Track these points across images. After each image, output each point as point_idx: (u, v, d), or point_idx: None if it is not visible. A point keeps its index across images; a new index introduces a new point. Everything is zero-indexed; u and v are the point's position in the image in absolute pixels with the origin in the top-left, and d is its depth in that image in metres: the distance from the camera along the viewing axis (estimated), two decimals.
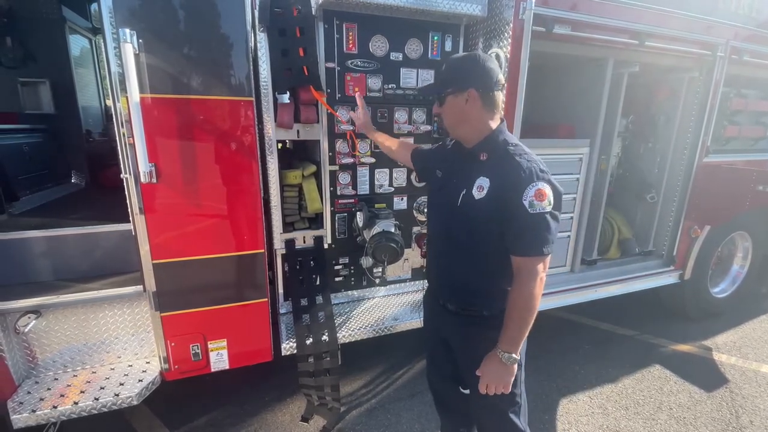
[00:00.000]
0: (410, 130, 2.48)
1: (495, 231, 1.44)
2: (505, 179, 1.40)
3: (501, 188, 1.41)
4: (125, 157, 1.81)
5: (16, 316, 1.97)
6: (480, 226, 1.47)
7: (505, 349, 1.46)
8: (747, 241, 3.91)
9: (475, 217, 1.47)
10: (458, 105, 1.49)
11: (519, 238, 1.40)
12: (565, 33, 2.34)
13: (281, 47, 2.03)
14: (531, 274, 1.40)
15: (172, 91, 1.80)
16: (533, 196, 1.35)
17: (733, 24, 2.92)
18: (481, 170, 1.48)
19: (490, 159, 1.48)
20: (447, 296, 1.70)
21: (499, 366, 1.48)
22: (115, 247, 2.26)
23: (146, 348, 2.23)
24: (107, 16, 1.65)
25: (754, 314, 4.00)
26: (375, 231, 2.35)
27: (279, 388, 2.83)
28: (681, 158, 3.26)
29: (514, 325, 1.44)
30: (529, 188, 1.36)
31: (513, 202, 1.37)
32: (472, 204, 1.47)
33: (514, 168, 1.40)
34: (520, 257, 1.42)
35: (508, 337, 1.45)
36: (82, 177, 3.87)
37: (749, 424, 2.61)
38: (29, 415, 1.86)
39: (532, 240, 1.38)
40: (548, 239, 1.39)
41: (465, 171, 1.55)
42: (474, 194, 1.47)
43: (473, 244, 1.53)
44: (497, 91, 1.49)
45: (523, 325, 1.43)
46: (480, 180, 1.47)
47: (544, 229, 1.37)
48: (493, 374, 1.50)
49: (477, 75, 1.47)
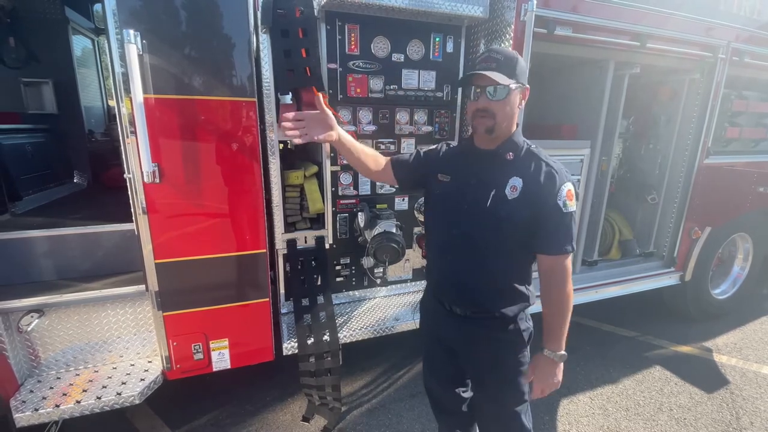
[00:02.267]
0: (411, 131, 2.49)
1: (525, 231, 1.44)
2: (539, 179, 1.42)
3: (536, 189, 1.41)
4: (128, 157, 1.82)
5: (19, 315, 1.98)
6: (510, 225, 1.44)
7: (553, 348, 1.51)
8: (748, 243, 3.91)
9: (506, 217, 1.43)
10: (517, 100, 1.45)
11: (553, 237, 1.43)
12: (567, 34, 2.35)
13: (284, 48, 2.03)
14: (566, 271, 1.46)
15: (175, 91, 1.80)
16: (566, 196, 1.40)
17: (734, 26, 2.93)
18: (510, 170, 1.46)
19: (515, 159, 1.47)
20: (456, 299, 1.63)
21: (552, 366, 1.53)
22: (118, 246, 2.27)
23: (148, 347, 2.24)
24: (111, 17, 1.66)
25: (755, 315, 4.00)
26: (376, 231, 2.36)
27: (280, 387, 2.83)
28: (682, 159, 3.27)
29: (558, 324, 1.49)
30: (562, 188, 1.40)
31: (549, 202, 1.39)
32: (505, 204, 1.44)
33: (546, 169, 1.43)
34: (553, 256, 1.44)
35: (555, 337, 1.50)
36: (85, 177, 3.88)
37: (750, 425, 2.61)
38: (32, 413, 1.86)
39: (564, 238, 1.42)
40: (574, 238, 1.46)
41: (491, 171, 1.49)
42: (507, 194, 1.44)
43: (499, 244, 1.49)
44: None
45: (565, 323, 1.49)
46: (513, 180, 1.44)
47: (572, 228, 1.43)
48: (548, 376, 1.54)
49: (526, 72, 1.48)
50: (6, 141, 2.92)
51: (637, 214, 3.64)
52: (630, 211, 3.67)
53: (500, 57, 1.39)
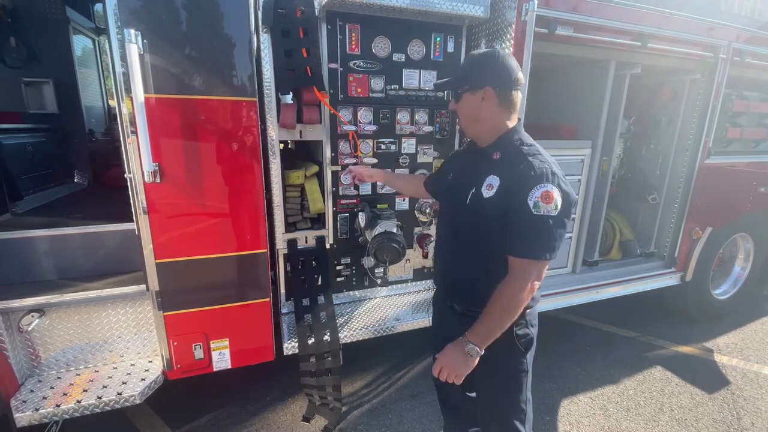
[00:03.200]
0: (412, 131, 2.49)
1: (501, 230, 1.40)
2: (514, 177, 1.37)
3: (509, 187, 1.37)
4: (129, 156, 1.82)
5: (19, 315, 1.98)
6: (487, 224, 1.43)
7: (471, 339, 1.40)
8: (749, 243, 3.91)
9: (483, 216, 1.43)
10: (474, 103, 1.44)
11: (517, 238, 1.36)
12: (568, 34, 2.34)
13: (284, 48, 2.03)
14: (521, 275, 1.35)
15: (176, 91, 1.80)
16: (539, 197, 1.30)
17: (735, 26, 2.93)
18: (492, 169, 1.44)
19: (503, 158, 1.44)
20: (453, 297, 1.68)
21: (458, 354, 1.42)
22: (118, 246, 2.27)
23: (149, 347, 2.24)
24: (112, 17, 1.66)
25: (756, 316, 4.00)
26: (377, 231, 2.36)
27: (281, 387, 2.83)
28: (683, 160, 3.26)
29: (488, 321, 1.39)
30: (536, 188, 1.31)
31: (518, 200, 1.33)
32: (481, 202, 1.43)
33: (525, 167, 1.36)
34: (515, 257, 1.37)
35: (478, 330, 1.40)
36: (85, 176, 3.88)
37: (750, 425, 2.61)
38: (32, 413, 1.86)
39: (529, 242, 1.34)
40: (548, 245, 1.33)
41: (476, 170, 1.50)
42: (483, 192, 1.43)
43: (479, 244, 1.49)
44: (515, 90, 1.43)
45: (496, 323, 1.38)
46: (490, 178, 1.42)
47: (545, 233, 1.32)
48: (449, 360, 1.44)
49: (494, 72, 1.41)
50: (7, 141, 2.92)
51: (637, 215, 3.64)
52: (631, 211, 3.67)
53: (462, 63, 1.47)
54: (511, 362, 1.57)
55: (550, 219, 1.31)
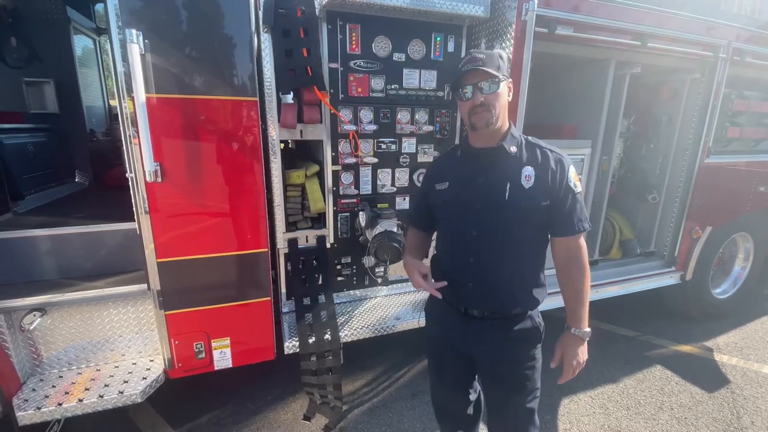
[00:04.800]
0: (412, 131, 2.49)
1: (545, 217, 1.49)
2: (549, 166, 1.48)
3: (548, 175, 1.47)
4: (131, 156, 1.82)
5: (21, 314, 1.99)
6: (532, 213, 1.48)
7: (578, 325, 1.53)
8: (748, 243, 3.91)
9: (527, 206, 1.47)
10: (505, 93, 1.50)
11: (570, 218, 1.48)
12: (568, 34, 2.35)
13: (285, 48, 2.04)
14: (583, 249, 1.51)
15: (178, 91, 1.81)
16: (573, 176, 1.48)
17: (735, 25, 2.93)
18: (519, 162, 1.50)
19: (519, 151, 1.52)
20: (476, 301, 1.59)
21: (579, 345, 1.54)
22: (120, 245, 2.28)
23: (150, 346, 2.25)
24: (114, 17, 1.67)
25: (756, 315, 4.00)
26: (377, 231, 2.37)
27: (281, 386, 2.84)
28: (683, 159, 3.27)
29: (582, 302, 1.52)
30: (569, 170, 1.48)
31: (563, 184, 1.46)
32: (523, 194, 1.47)
33: (553, 155, 1.50)
34: (571, 236, 1.49)
35: (579, 315, 1.52)
36: (86, 176, 3.89)
37: (750, 424, 2.61)
38: (34, 412, 1.87)
39: (581, 217, 1.50)
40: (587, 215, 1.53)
41: (500, 166, 1.50)
42: (523, 184, 1.48)
43: (522, 236, 1.52)
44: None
45: (587, 300, 1.53)
46: (525, 170, 1.49)
47: (584, 207, 1.52)
48: (577, 355, 1.55)
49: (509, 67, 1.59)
50: (8, 140, 2.93)
51: (637, 214, 3.64)
52: (631, 210, 3.67)
53: (482, 56, 1.45)
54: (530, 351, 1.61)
55: (582, 194, 1.53)
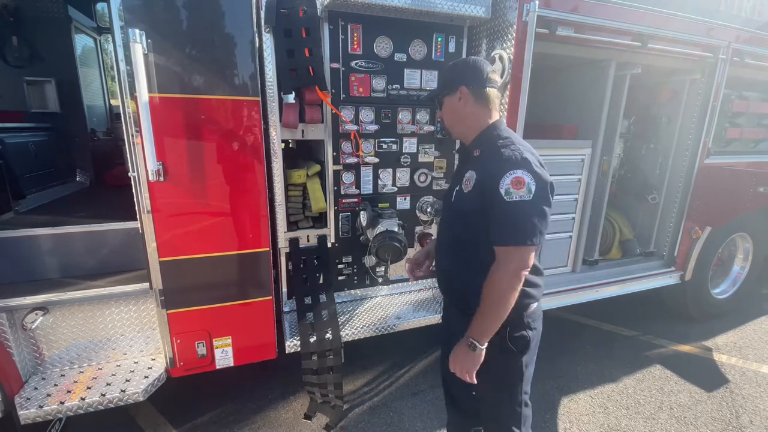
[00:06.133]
0: (413, 131, 2.50)
1: (481, 224, 1.43)
2: (487, 170, 1.41)
3: (483, 179, 1.42)
4: (133, 155, 1.83)
5: (23, 313, 1.99)
6: (470, 220, 1.49)
7: (470, 334, 1.44)
8: (748, 243, 3.92)
9: (464, 212, 1.50)
10: (453, 104, 1.55)
11: (495, 227, 1.39)
12: (568, 35, 2.35)
13: (287, 48, 2.04)
14: (503, 264, 1.37)
15: (180, 90, 1.82)
16: (509, 184, 1.33)
17: (734, 26, 2.94)
18: (471, 165, 1.53)
19: (482, 154, 1.51)
20: (450, 295, 1.74)
21: (463, 351, 1.45)
22: (122, 244, 2.28)
23: (152, 345, 2.25)
24: (116, 17, 1.67)
25: (755, 315, 4.01)
26: (378, 230, 2.37)
27: (282, 385, 2.85)
28: (682, 159, 3.28)
29: (480, 313, 1.41)
30: (506, 176, 1.34)
31: (491, 190, 1.37)
32: (462, 198, 1.51)
33: (496, 158, 1.41)
34: (496, 247, 1.40)
35: (474, 324, 1.43)
36: (87, 176, 3.89)
37: (749, 423, 2.63)
38: (36, 410, 1.87)
39: (506, 229, 1.36)
40: (525, 230, 1.34)
41: (460, 168, 1.62)
42: (463, 189, 1.51)
43: (466, 240, 1.54)
44: (489, 88, 1.52)
45: (488, 315, 1.39)
46: (468, 174, 1.50)
47: (521, 219, 1.34)
48: (456, 357, 1.49)
49: (466, 73, 1.54)
50: (9, 140, 2.93)
51: (637, 214, 3.65)
52: (631, 210, 3.68)
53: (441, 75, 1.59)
54: (504, 363, 1.56)
55: (523, 204, 1.33)
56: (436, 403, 2.71)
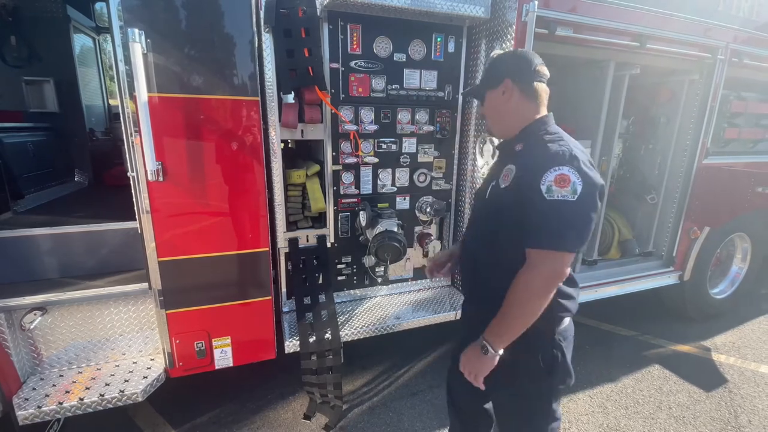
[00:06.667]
0: (413, 131, 2.50)
1: (516, 223, 1.29)
2: (529, 163, 1.28)
3: (523, 173, 1.28)
4: (132, 155, 1.83)
5: (21, 313, 1.98)
6: (505, 216, 1.34)
7: (486, 336, 1.31)
8: (746, 243, 3.93)
9: (500, 208, 1.35)
10: (496, 99, 1.42)
11: (530, 227, 1.24)
12: (567, 35, 2.35)
13: (286, 48, 2.04)
14: (534, 268, 1.23)
15: (179, 90, 1.81)
16: (552, 181, 1.18)
17: (733, 27, 2.95)
18: (511, 159, 1.38)
19: (525, 148, 1.37)
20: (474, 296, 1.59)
21: (475, 353, 1.33)
22: (121, 244, 2.28)
23: (150, 345, 2.25)
24: (116, 16, 1.67)
25: (753, 315, 4.02)
26: (377, 230, 2.38)
27: (282, 385, 2.84)
28: (681, 160, 3.28)
29: (502, 318, 1.28)
30: (549, 172, 1.19)
31: (530, 185, 1.22)
32: (498, 193, 1.36)
33: (540, 151, 1.27)
34: (529, 248, 1.25)
35: (494, 328, 1.30)
36: (85, 175, 3.89)
37: (748, 423, 2.63)
38: (35, 411, 1.87)
39: (542, 230, 1.21)
40: (564, 234, 1.19)
41: (498, 164, 1.47)
42: (500, 183, 1.36)
43: (500, 239, 1.38)
44: (537, 82, 1.38)
45: (509, 319, 1.26)
46: (507, 168, 1.35)
47: (560, 220, 1.19)
48: (467, 358, 1.37)
49: (512, 65, 1.41)
50: (8, 139, 2.92)
51: (636, 214, 3.66)
52: (629, 210, 3.68)
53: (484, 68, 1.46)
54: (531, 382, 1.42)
55: (566, 205, 1.17)
56: (436, 403, 2.71)
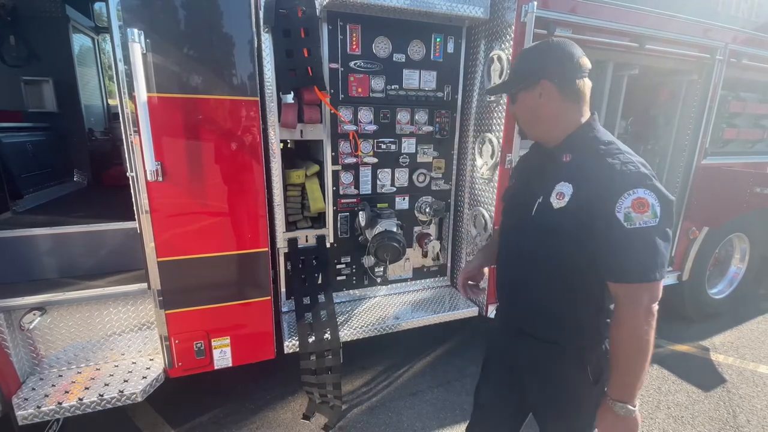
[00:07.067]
0: (412, 131, 2.50)
1: (578, 248, 1.18)
2: (592, 185, 1.13)
3: (587, 197, 1.13)
4: (131, 155, 1.83)
5: (21, 313, 1.98)
6: (557, 240, 1.21)
7: (615, 396, 1.16)
8: (745, 243, 3.94)
9: (552, 230, 1.21)
10: (531, 101, 1.26)
11: (614, 260, 1.11)
12: (566, 35, 2.36)
13: (286, 48, 2.05)
14: (632, 305, 1.11)
15: (179, 90, 1.81)
16: (630, 207, 1.06)
17: (732, 28, 2.95)
18: (562, 174, 1.22)
19: (575, 160, 1.21)
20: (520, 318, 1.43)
21: (613, 419, 1.17)
22: (120, 244, 2.28)
23: (150, 345, 2.25)
24: (115, 16, 1.67)
25: (752, 315, 4.03)
26: (377, 230, 2.38)
27: (281, 385, 2.84)
28: (680, 160, 3.29)
29: (620, 369, 1.16)
30: (624, 197, 1.07)
31: (603, 213, 1.09)
32: (550, 214, 1.21)
33: (605, 171, 1.12)
34: (616, 284, 1.13)
35: (617, 383, 1.17)
36: (85, 175, 3.89)
37: (746, 423, 2.64)
38: (34, 411, 1.87)
39: (630, 263, 1.09)
40: (654, 263, 1.08)
41: (543, 175, 1.29)
42: (552, 202, 1.21)
43: (548, 261, 1.26)
44: (580, 79, 1.21)
45: (631, 369, 1.14)
46: (560, 186, 1.20)
47: (646, 249, 1.08)
48: (609, 428, 1.20)
49: (551, 62, 1.22)
50: (7, 139, 2.92)
51: None
52: None
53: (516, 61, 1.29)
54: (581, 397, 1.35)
55: (650, 231, 1.07)
56: (435, 404, 2.71)
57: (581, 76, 1.21)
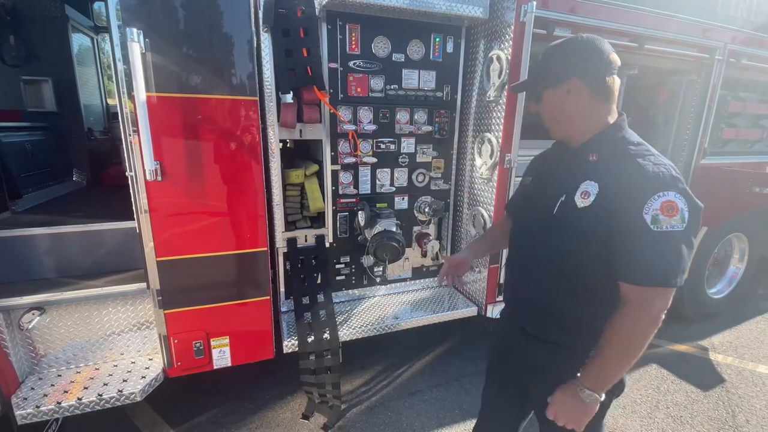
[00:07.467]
0: (411, 131, 2.50)
1: (595, 249, 1.15)
2: (620, 185, 1.10)
3: (614, 196, 1.10)
4: (130, 155, 1.82)
5: (20, 313, 1.98)
6: (576, 240, 1.18)
7: (586, 384, 1.16)
8: (743, 243, 3.95)
9: (572, 230, 1.18)
10: (558, 99, 1.22)
11: (633, 261, 1.08)
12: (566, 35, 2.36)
13: (285, 47, 2.05)
14: (640, 306, 1.09)
15: (178, 90, 1.81)
16: (659, 209, 1.04)
17: (731, 28, 2.96)
18: (588, 173, 1.19)
19: (602, 160, 1.18)
20: (525, 318, 1.42)
21: (574, 401, 1.18)
22: (119, 244, 2.28)
23: (149, 345, 2.25)
24: (114, 16, 1.67)
25: (751, 315, 4.03)
26: (376, 230, 2.38)
27: (280, 385, 2.84)
28: (679, 160, 3.29)
29: (605, 360, 1.14)
30: (653, 199, 1.04)
31: (629, 214, 1.06)
32: (573, 213, 1.18)
33: (634, 171, 1.09)
34: (630, 284, 1.10)
35: (594, 372, 1.16)
36: (84, 175, 3.88)
37: (745, 423, 2.64)
38: (33, 410, 1.87)
39: (650, 265, 1.06)
40: (675, 267, 1.05)
41: (568, 174, 1.25)
42: (577, 201, 1.17)
43: (563, 261, 1.24)
44: (609, 76, 1.17)
45: (615, 363, 1.14)
46: (586, 184, 1.17)
47: (669, 254, 1.05)
48: (565, 407, 1.21)
49: (579, 59, 1.18)
50: (6, 139, 2.92)
51: None
52: None
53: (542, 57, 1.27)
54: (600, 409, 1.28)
55: (675, 235, 1.04)
56: (434, 403, 2.72)
57: (611, 73, 1.17)
